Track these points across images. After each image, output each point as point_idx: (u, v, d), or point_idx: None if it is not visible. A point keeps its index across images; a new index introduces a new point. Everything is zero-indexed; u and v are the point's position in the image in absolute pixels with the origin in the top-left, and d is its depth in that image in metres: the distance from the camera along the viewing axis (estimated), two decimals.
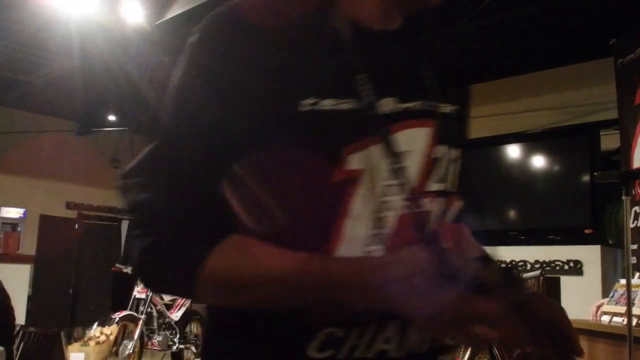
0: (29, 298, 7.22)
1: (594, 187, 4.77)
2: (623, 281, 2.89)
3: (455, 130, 0.83)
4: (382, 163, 0.70)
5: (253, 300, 0.68)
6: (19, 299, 6.30)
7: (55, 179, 8.36)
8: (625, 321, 2.58)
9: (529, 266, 4.84)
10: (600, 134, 4.97)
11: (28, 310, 6.96)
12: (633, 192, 3.80)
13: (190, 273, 0.67)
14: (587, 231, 4.79)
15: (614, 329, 2.87)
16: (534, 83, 5.71)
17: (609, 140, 4.89)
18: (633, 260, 3.69)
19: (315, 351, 0.69)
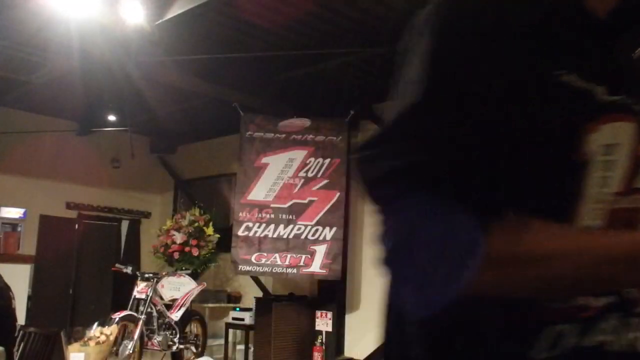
0: (29, 298, 7.22)
1: None
2: None
3: None
4: (607, 150, 0.68)
5: (544, 275, 0.64)
6: (19, 299, 6.28)
7: (55, 179, 8.36)
8: None
9: None
10: None
11: (28, 310, 6.97)
12: None
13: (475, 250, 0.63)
14: None
15: None
16: None
17: None
18: None
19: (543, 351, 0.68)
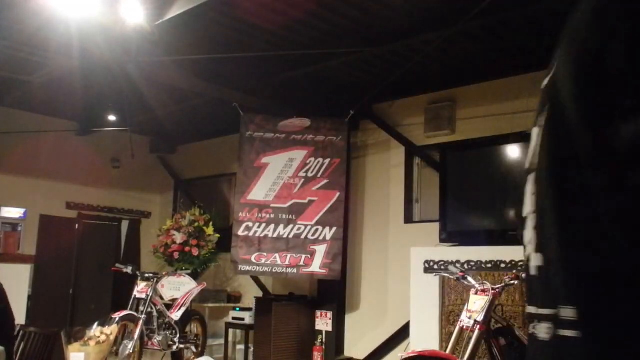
0: (29, 298, 7.22)
1: None
2: None
3: None
4: None
5: None
6: (19, 299, 6.29)
7: (55, 179, 8.36)
8: None
9: None
10: None
11: (28, 310, 6.96)
12: None
13: None
14: None
15: None
16: (533, 83, 5.71)
17: None
18: None
19: None
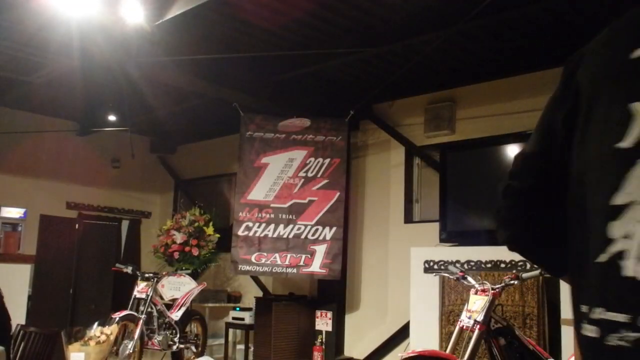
0: (29, 298, 7.21)
1: None
2: None
3: None
4: None
5: None
6: (19, 299, 6.28)
7: (55, 179, 8.36)
8: None
9: (528, 266, 4.84)
10: None
11: (28, 310, 6.96)
12: None
13: None
14: None
15: None
16: (533, 83, 5.71)
17: None
18: None
19: None
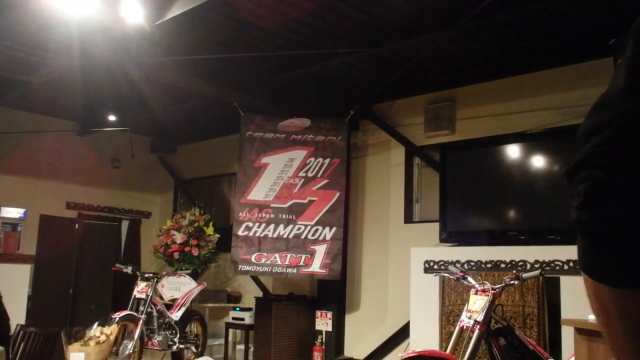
0: (29, 298, 7.21)
1: None
2: None
3: None
4: None
5: None
6: (19, 299, 6.29)
7: (55, 179, 8.36)
8: None
9: (528, 266, 4.84)
10: None
11: (28, 310, 6.96)
12: None
13: None
14: None
15: None
16: (533, 83, 5.71)
17: None
18: None
19: None
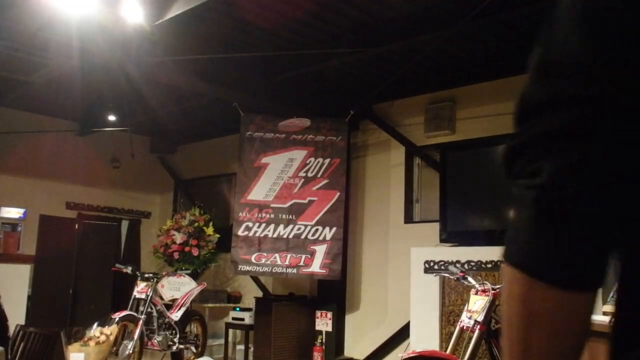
0: (29, 298, 7.22)
1: None
2: None
3: None
4: None
5: None
6: (19, 299, 6.29)
7: (55, 179, 8.36)
8: None
9: None
10: None
11: (28, 310, 6.96)
12: None
13: None
14: None
15: None
16: None
17: None
18: None
19: None
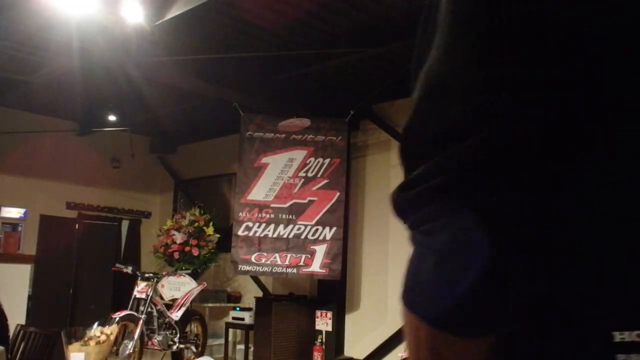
0: (29, 298, 7.22)
1: None
2: None
3: None
4: None
5: None
6: (19, 299, 6.29)
7: (55, 179, 8.36)
8: None
9: None
10: None
11: (28, 310, 6.96)
12: None
13: None
14: None
15: None
16: None
17: None
18: None
19: None
